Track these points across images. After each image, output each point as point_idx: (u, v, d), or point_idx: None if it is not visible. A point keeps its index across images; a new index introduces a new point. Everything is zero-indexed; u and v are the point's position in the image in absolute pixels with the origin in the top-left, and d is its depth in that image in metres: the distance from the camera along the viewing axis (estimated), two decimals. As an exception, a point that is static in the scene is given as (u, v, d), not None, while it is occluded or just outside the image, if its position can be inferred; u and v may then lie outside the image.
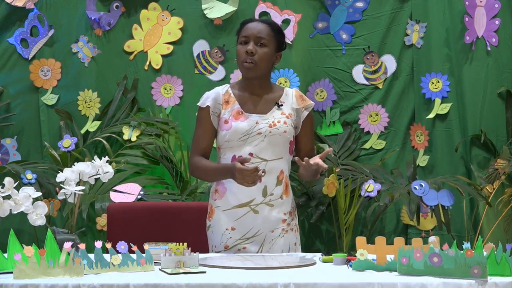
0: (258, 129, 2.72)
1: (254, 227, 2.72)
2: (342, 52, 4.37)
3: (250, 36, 2.76)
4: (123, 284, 1.93)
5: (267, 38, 2.77)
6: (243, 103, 2.78)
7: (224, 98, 2.80)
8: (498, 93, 4.21)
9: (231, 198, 2.73)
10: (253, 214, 2.71)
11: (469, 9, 4.20)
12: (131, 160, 4.14)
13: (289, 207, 2.78)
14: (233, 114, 2.75)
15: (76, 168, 2.50)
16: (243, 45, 2.77)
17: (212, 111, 2.78)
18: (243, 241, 2.72)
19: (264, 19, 2.89)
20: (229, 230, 2.73)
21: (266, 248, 2.72)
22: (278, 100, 2.80)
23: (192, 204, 3.28)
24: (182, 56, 4.37)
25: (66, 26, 4.35)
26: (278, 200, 2.73)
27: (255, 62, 2.74)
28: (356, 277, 2.04)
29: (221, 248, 2.74)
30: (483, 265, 1.97)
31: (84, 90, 4.33)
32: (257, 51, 2.74)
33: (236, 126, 2.72)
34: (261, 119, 2.74)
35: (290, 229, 2.77)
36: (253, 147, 2.71)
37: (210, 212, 2.81)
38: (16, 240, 2.11)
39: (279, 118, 2.75)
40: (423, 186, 3.93)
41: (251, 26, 2.79)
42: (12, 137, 4.32)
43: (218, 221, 2.76)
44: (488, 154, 4.17)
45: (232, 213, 2.73)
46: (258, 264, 2.31)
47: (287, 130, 2.75)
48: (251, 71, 2.75)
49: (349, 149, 4.30)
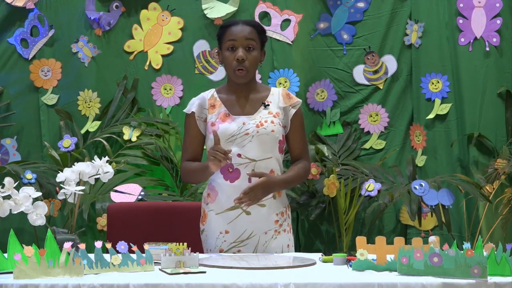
0: (246, 129, 2.70)
1: (247, 229, 2.70)
2: (343, 53, 4.37)
3: (238, 41, 2.72)
4: (123, 284, 1.93)
5: (255, 41, 2.74)
6: (229, 106, 2.76)
7: (209, 102, 2.78)
8: (498, 93, 4.21)
9: (223, 201, 2.72)
10: (245, 216, 2.70)
11: (464, 11, 4.21)
12: (131, 161, 4.14)
13: (281, 207, 2.76)
14: (220, 116, 2.74)
15: (76, 168, 2.50)
16: (231, 51, 2.73)
17: (198, 116, 2.77)
18: (238, 244, 2.71)
19: (245, 20, 2.84)
20: (223, 233, 2.72)
21: (260, 251, 2.71)
22: (264, 100, 2.78)
23: (192, 205, 3.28)
24: (182, 56, 4.37)
25: (66, 26, 4.36)
26: (270, 199, 2.71)
27: (247, 68, 2.72)
28: (356, 277, 2.04)
29: (216, 251, 2.73)
30: (483, 265, 1.97)
31: (84, 90, 4.33)
32: (247, 57, 2.72)
33: (223, 128, 2.71)
34: (248, 119, 2.73)
35: (282, 230, 2.75)
36: (241, 148, 2.69)
37: (203, 216, 2.80)
38: (16, 240, 2.11)
39: (266, 118, 2.73)
40: (423, 186, 3.93)
41: (237, 30, 2.74)
42: (12, 137, 4.32)
43: (212, 225, 2.75)
44: (487, 154, 4.17)
45: (225, 216, 2.72)
46: (258, 264, 2.31)
47: (275, 129, 2.72)
48: (243, 78, 2.74)
49: (349, 149, 4.30)
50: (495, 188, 4.03)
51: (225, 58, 2.74)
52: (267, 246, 2.72)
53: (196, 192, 4.06)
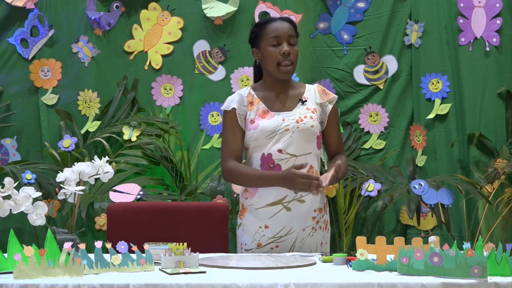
0: (286, 125, 2.73)
1: (286, 225, 2.72)
2: (344, 53, 4.37)
3: (282, 37, 2.75)
4: (123, 284, 1.93)
5: (295, 36, 2.80)
6: (267, 102, 2.79)
7: (248, 99, 2.80)
8: (498, 93, 4.21)
9: (264, 197, 2.73)
10: (286, 212, 2.72)
11: (464, 10, 4.21)
12: (131, 160, 4.14)
13: (320, 203, 2.78)
14: (259, 113, 2.76)
15: (76, 168, 2.50)
16: (275, 46, 2.75)
17: (238, 113, 2.78)
18: (276, 240, 2.73)
19: (282, 17, 2.92)
20: (262, 228, 2.74)
21: (297, 247, 2.73)
22: (301, 97, 2.81)
23: (191, 204, 3.28)
24: (182, 56, 4.37)
25: (66, 26, 4.36)
26: (309, 195, 2.73)
27: (292, 62, 2.76)
28: (356, 277, 2.04)
29: (254, 245, 2.74)
30: (484, 265, 1.97)
31: (84, 90, 4.33)
32: (291, 51, 2.75)
33: (263, 125, 2.73)
34: (287, 116, 2.75)
35: (318, 227, 2.77)
36: (281, 143, 2.71)
37: (242, 210, 2.82)
38: (16, 240, 2.11)
39: (305, 113, 2.76)
40: (422, 185, 3.93)
41: (280, 26, 2.77)
42: (12, 137, 4.32)
43: (251, 219, 2.76)
44: (487, 154, 4.17)
45: (265, 211, 2.73)
46: (258, 264, 2.31)
47: (314, 124, 2.75)
48: (289, 73, 2.77)
49: (349, 149, 4.30)
50: (495, 188, 4.03)
51: (268, 54, 2.75)
52: (304, 243, 2.74)
53: (196, 192, 4.07)
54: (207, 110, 4.33)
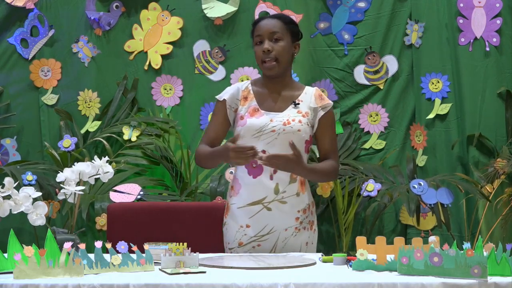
0: (272, 126, 2.73)
1: (268, 225, 2.73)
2: (344, 53, 4.37)
3: (264, 34, 2.78)
4: (123, 284, 1.93)
5: (280, 32, 2.78)
6: (260, 100, 2.80)
7: (243, 94, 2.82)
8: (498, 93, 4.20)
9: (245, 196, 2.75)
10: (266, 211, 2.72)
11: (464, 10, 4.21)
12: (131, 160, 4.14)
13: (304, 204, 2.77)
14: (249, 110, 2.78)
15: (76, 168, 2.50)
16: (259, 45, 2.78)
17: (229, 105, 2.81)
18: (258, 239, 2.73)
19: (274, 14, 2.91)
20: (243, 227, 2.75)
21: (280, 247, 2.73)
22: (295, 99, 2.80)
23: (191, 204, 3.28)
24: (182, 56, 4.37)
25: (66, 26, 4.36)
26: (292, 197, 2.73)
27: (275, 58, 2.75)
28: (356, 277, 2.04)
29: (235, 244, 2.75)
30: (483, 265, 1.97)
31: (84, 90, 4.34)
32: (273, 48, 2.76)
33: (250, 123, 2.74)
34: (276, 116, 2.75)
35: (302, 228, 2.77)
36: (266, 144, 2.72)
37: (226, 209, 2.84)
38: (16, 240, 2.11)
39: (294, 117, 2.75)
40: (421, 185, 3.93)
41: (262, 24, 2.80)
42: (12, 137, 4.32)
43: (233, 218, 2.78)
44: (487, 154, 4.17)
45: (247, 211, 2.74)
46: (258, 264, 2.31)
47: (301, 128, 2.74)
48: (273, 69, 2.77)
49: (349, 149, 4.30)
50: (495, 187, 4.03)
51: (254, 52, 2.81)
52: (286, 243, 2.74)
53: (196, 192, 4.07)
54: (207, 110, 4.33)
